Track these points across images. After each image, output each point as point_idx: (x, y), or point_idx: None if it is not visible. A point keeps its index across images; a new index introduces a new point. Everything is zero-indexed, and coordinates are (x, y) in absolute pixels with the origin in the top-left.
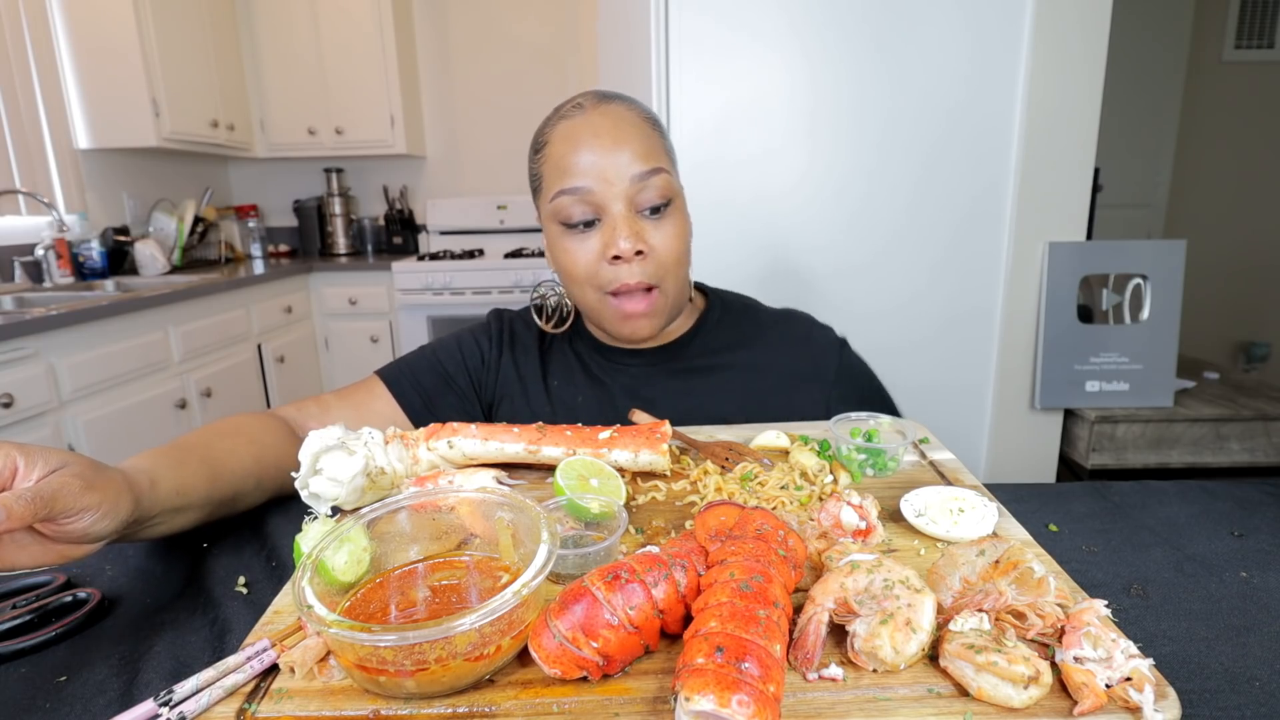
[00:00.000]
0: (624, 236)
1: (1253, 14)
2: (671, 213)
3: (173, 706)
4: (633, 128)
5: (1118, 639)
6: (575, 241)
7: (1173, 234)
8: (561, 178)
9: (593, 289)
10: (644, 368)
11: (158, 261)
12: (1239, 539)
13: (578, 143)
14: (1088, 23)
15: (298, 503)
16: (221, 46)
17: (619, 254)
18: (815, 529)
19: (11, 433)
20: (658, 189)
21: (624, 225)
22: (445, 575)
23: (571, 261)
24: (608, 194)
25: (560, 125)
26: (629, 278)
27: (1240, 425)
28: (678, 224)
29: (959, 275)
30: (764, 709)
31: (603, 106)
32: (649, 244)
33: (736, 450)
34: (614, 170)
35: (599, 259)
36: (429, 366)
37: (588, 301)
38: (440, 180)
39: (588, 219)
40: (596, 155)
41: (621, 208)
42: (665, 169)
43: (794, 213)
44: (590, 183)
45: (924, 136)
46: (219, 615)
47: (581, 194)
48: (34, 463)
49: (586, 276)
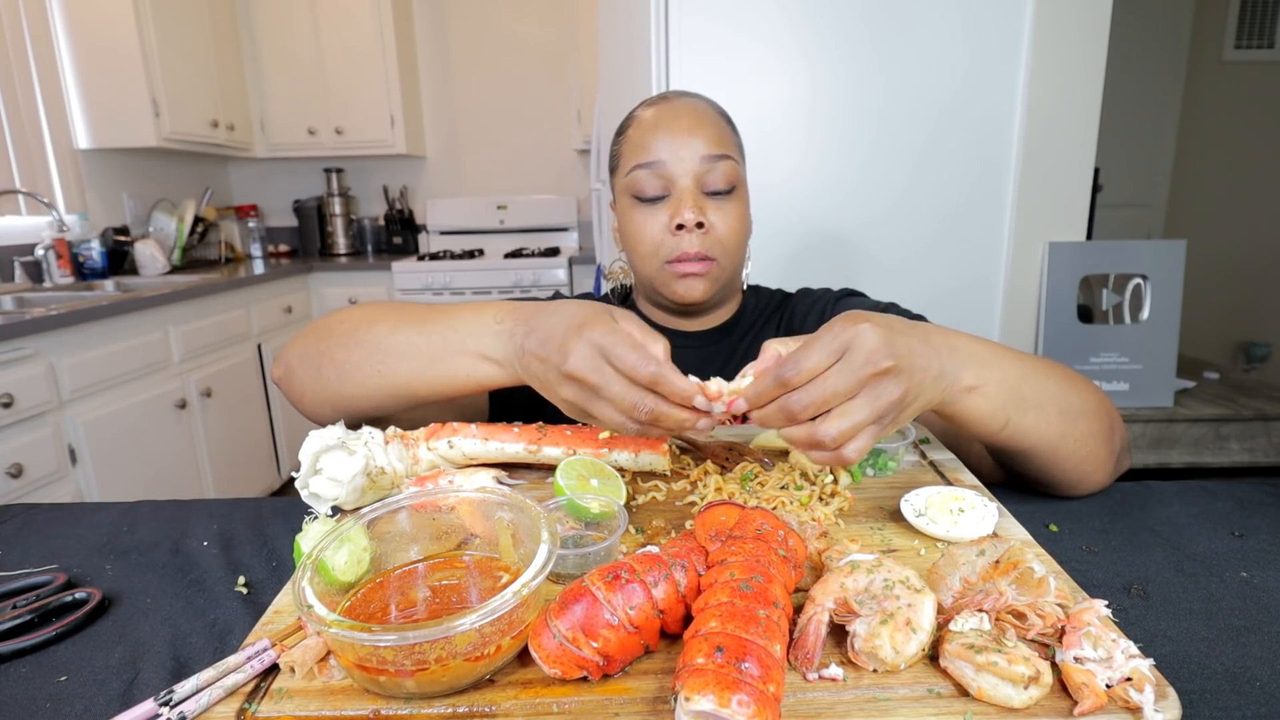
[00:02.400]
0: (689, 208)
1: (1253, 14)
2: (734, 199)
3: (173, 706)
4: (707, 117)
5: (1118, 639)
6: (645, 214)
7: (1173, 234)
8: (638, 154)
9: (657, 259)
10: (692, 350)
11: (158, 261)
12: (1239, 539)
13: (657, 125)
14: (1088, 23)
15: (298, 502)
16: (221, 46)
17: (683, 223)
18: (815, 529)
19: (11, 433)
20: (723, 173)
21: (689, 198)
22: (445, 575)
23: (641, 231)
24: (678, 170)
25: (643, 111)
26: (689, 247)
27: (1240, 425)
28: (739, 210)
29: (958, 275)
30: (764, 709)
31: (684, 98)
32: (709, 220)
33: (737, 450)
34: (686, 150)
35: (664, 230)
36: None
37: (649, 271)
38: (440, 180)
39: (658, 194)
40: (672, 135)
41: (689, 184)
42: (733, 158)
43: (790, 208)
44: (664, 158)
45: (923, 136)
46: (219, 615)
47: (655, 168)
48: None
49: (652, 247)
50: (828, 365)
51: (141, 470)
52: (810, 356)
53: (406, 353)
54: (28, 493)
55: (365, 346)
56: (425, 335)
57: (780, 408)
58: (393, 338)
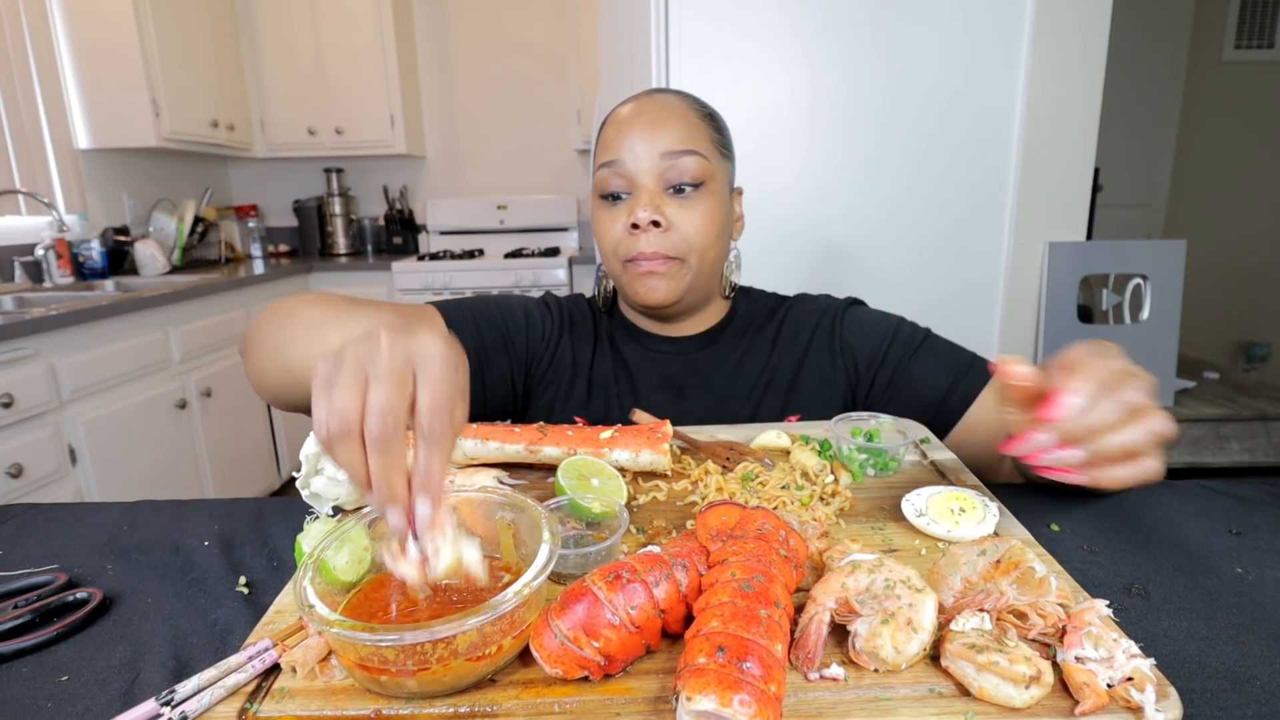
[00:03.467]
0: (642, 206)
1: (1253, 14)
2: (701, 195)
3: (174, 706)
4: (676, 112)
5: (1119, 639)
6: (607, 213)
7: (1173, 234)
8: (604, 152)
9: (616, 259)
10: (677, 356)
11: (158, 261)
12: (1237, 536)
13: (623, 124)
14: (1088, 23)
15: (299, 502)
16: (221, 46)
17: (636, 222)
18: (816, 529)
19: (11, 433)
20: (687, 169)
21: (645, 196)
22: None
23: (602, 230)
24: (638, 168)
25: (616, 110)
26: (645, 246)
27: (1240, 425)
28: (707, 207)
29: (958, 275)
30: (765, 709)
31: (655, 96)
32: (669, 219)
33: (737, 450)
34: (645, 147)
35: (623, 230)
36: (490, 320)
37: (614, 271)
38: (440, 180)
39: (620, 192)
40: (633, 133)
41: (649, 182)
42: (701, 154)
43: (790, 208)
44: (624, 157)
45: (923, 136)
46: (220, 615)
47: (616, 167)
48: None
49: (612, 246)
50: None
51: (141, 470)
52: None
53: (303, 330)
54: (28, 493)
55: (285, 333)
56: (330, 313)
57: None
58: (312, 315)
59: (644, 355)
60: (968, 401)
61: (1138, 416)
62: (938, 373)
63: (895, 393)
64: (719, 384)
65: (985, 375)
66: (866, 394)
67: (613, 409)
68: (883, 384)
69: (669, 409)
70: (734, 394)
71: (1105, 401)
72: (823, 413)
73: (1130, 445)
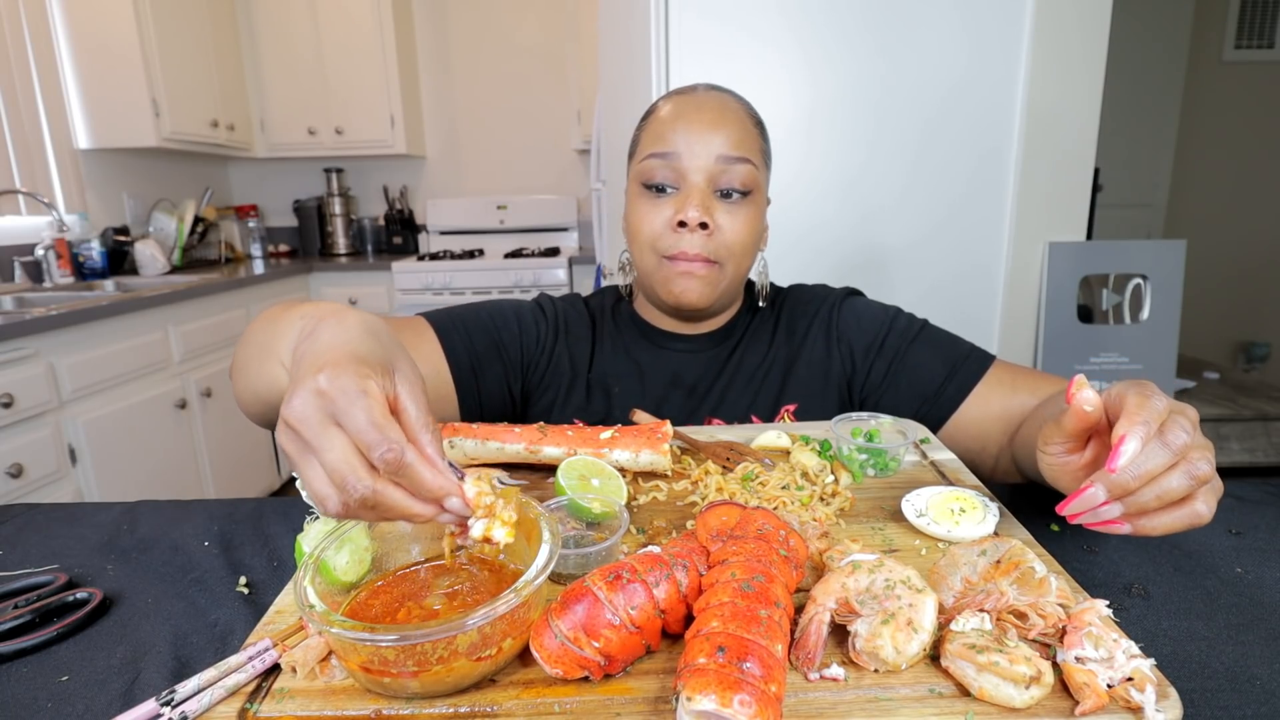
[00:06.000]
0: (694, 206)
1: (1253, 14)
2: (747, 204)
3: (174, 706)
4: (734, 116)
5: (1119, 639)
6: (650, 204)
7: (1173, 234)
8: (655, 142)
9: (654, 252)
10: (693, 354)
11: (158, 261)
12: (1238, 538)
13: (680, 115)
14: (1088, 23)
15: (298, 502)
16: (221, 46)
17: (685, 220)
18: (816, 529)
19: (11, 433)
20: (739, 176)
21: (697, 195)
22: (447, 575)
23: (641, 221)
24: (692, 165)
25: (671, 98)
26: (689, 247)
27: (1240, 425)
28: (751, 216)
29: (959, 276)
30: (766, 709)
31: (714, 92)
32: (716, 222)
33: (738, 450)
34: (704, 145)
35: (667, 225)
36: (482, 328)
37: (647, 265)
38: (440, 180)
39: (668, 184)
40: (693, 128)
41: (700, 181)
42: (753, 163)
43: (790, 208)
44: (680, 150)
45: (922, 136)
46: (220, 615)
47: (669, 159)
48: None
49: (651, 240)
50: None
51: (141, 470)
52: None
53: (255, 356)
54: (28, 493)
55: (248, 347)
56: (269, 336)
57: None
58: (259, 339)
59: (656, 353)
60: (965, 392)
61: (1186, 458)
62: (935, 363)
63: (892, 382)
64: (726, 380)
65: (983, 366)
66: (863, 383)
67: (614, 409)
68: (879, 374)
69: (679, 407)
70: (733, 384)
71: (1156, 447)
72: (819, 402)
73: (1177, 492)
